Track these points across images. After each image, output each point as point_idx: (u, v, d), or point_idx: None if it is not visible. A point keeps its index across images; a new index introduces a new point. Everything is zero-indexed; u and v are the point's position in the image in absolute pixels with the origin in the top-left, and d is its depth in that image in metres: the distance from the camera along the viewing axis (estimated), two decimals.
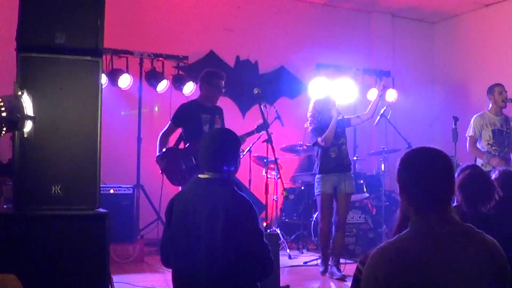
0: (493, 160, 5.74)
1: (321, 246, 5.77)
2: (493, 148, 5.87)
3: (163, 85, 6.88)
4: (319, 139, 5.48)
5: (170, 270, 2.82)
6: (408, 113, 8.47)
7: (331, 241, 5.60)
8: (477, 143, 5.97)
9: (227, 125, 7.79)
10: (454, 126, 6.00)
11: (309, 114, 5.72)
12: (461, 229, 1.82)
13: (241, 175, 6.75)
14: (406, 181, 1.89)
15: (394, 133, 7.19)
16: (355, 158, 7.51)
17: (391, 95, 8.15)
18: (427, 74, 9.43)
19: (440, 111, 8.85)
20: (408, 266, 1.72)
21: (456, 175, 3.34)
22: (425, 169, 1.86)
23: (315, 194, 5.65)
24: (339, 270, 5.45)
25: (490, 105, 6.02)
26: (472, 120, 6.00)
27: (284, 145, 7.23)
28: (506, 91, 5.97)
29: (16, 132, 3.02)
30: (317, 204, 5.69)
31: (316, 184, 5.59)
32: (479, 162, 5.94)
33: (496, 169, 3.70)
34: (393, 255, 1.77)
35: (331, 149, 5.51)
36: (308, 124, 5.69)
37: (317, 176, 5.58)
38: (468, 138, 5.97)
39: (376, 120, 7.08)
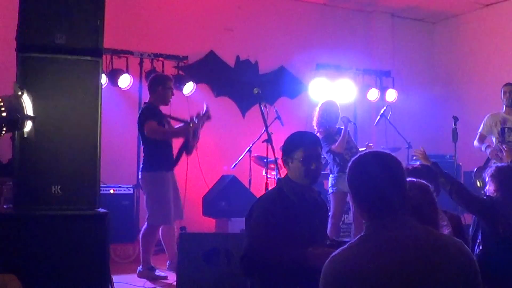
0: (491, 153, 5.82)
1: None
2: (503, 146, 5.88)
3: None
4: (333, 147, 5.78)
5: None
6: (408, 113, 8.47)
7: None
8: (486, 140, 6.06)
9: (227, 125, 7.84)
10: (454, 126, 6.02)
11: (315, 122, 5.93)
12: (418, 232, 1.78)
13: (241, 175, 6.77)
14: (356, 187, 1.86)
15: (394, 133, 7.20)
16: None
17: (391, 95, 8.16)
18: (427, 74, 9.42)
19: (440, 111, 8.84)
20: (357, 274, 1.68)
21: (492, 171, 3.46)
22: (378, 173, 1.82)
23: (330, 191, 5.85)
24: None
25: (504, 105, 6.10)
26: (485, 117, 6.10)
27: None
28: (511, 91, 5.98)
29: (16, 132, 3.02)
30: (331, 201, 5.87)
31: (332, 181, 5.80)
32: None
33: (494, 165, 3.75)
34: (345, 263, 1.74)
35: (344, 152, 5.77)
36: (317, 134, 5.88)
37: (334, 175, 5.81)
38: (478, 134, 6.10)
39: (376, 120, 7.09)
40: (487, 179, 3.56)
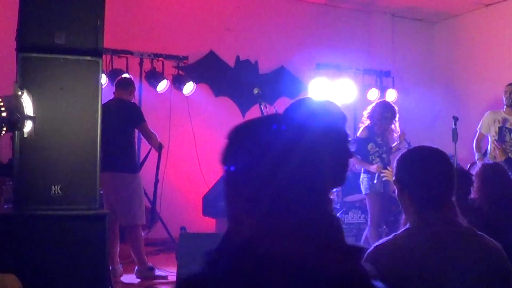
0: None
1: None
2: (497, 144, 5.88)
3: (163, 85, 6.88)
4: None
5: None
6: (408, 113, 8.46)
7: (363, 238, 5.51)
8: (484, 139, 6.11)
9: (227, 125, 7.81)
10: (454, 126, 6.02)
11: (367, 112, 5.73)
12: (461, 230, 1.82)
13: None
14: (406, 179, 1.88)
15: None
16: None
17: (391, 95, 8.16)
18: (427, 74, 9.42)
19: (440, 111, 8.84)
20: (404, 264, 1.72)
21: (477, 170, 3.33)
22: (425, 167, 1.86)
23: (364, 193, 5.46)
24: None
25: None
26: (485, 114, 6.12)
27: None
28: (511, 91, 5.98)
29: (16, 132, 3.02)
30: (367, 205, 5.42)
31: (366, 183, 5.41)
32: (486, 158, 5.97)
33: (480, 163, 3.62)
34: (389, 253, 1.77)
35: (375, 160, 5.49)
36: (363, 122, 5.68)
37: (365, 174, 5.45)
38: (477, 131, 6.15)
39: None
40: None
